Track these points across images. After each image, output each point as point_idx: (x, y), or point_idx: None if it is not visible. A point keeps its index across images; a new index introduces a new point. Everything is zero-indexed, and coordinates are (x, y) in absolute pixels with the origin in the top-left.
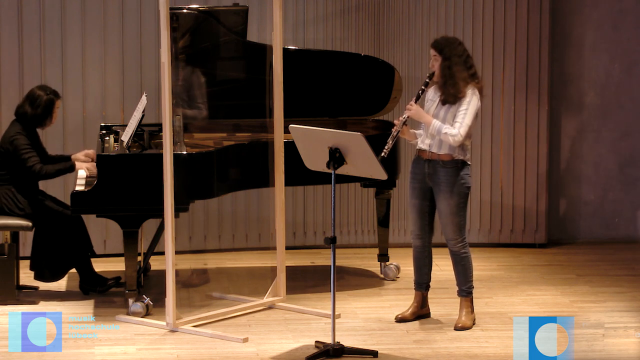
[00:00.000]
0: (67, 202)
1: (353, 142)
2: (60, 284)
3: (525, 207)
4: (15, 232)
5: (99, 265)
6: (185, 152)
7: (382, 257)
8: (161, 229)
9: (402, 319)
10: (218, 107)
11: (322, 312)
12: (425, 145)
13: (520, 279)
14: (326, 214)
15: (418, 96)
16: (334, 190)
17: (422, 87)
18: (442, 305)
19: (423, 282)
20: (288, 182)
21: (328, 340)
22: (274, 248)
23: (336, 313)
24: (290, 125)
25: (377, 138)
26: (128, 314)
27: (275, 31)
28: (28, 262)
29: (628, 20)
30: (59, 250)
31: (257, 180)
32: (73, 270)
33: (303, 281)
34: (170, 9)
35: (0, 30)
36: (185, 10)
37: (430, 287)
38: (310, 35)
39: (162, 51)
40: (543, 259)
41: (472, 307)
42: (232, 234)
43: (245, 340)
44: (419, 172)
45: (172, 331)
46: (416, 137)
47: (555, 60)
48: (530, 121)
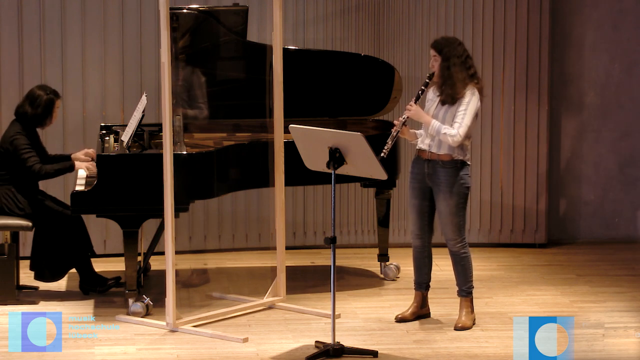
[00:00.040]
0: (67, 202)
1: (353, 142)
2: (60, 284)
3: (525, 207)
4: (15, 232)
5: (99, 265)
6: (185, 152)
7: (382, 257)
8: (161, 229)
9: (402, 319)
10: (218, 107)
11: (322, 312)
12: (425, 145)
13: (520, 279)
14: (326, 214)
15: (418, 96)
16: (334, 190)
17: (422, 88)
18: (442, 305)
19: (423, 282)
20: (288, 182)
21: (328, 340)
22: (274, 248)
23: (336, 313)
24: (290, 125)
25: (377, 138)
26: (128, 314)
27: (275, 31)
28: (28, 262)
29: (628, 20)
30: (59, 250)
31: (257, 180)
32: (73, 270)
33: (303, 281)
34: (170, 9)
35: (0, 30)
36: (185, 10)
37: (430, 287)
38: (310, 35)
39: (162, 51)
40: (543, 259)
41: (472, 307)
42: (232, 234)
43: (245, 340)
44: (418, 172)
45: (172, 331)
46: (416, 137)
47: (555, 60)
48: (530, 121)
